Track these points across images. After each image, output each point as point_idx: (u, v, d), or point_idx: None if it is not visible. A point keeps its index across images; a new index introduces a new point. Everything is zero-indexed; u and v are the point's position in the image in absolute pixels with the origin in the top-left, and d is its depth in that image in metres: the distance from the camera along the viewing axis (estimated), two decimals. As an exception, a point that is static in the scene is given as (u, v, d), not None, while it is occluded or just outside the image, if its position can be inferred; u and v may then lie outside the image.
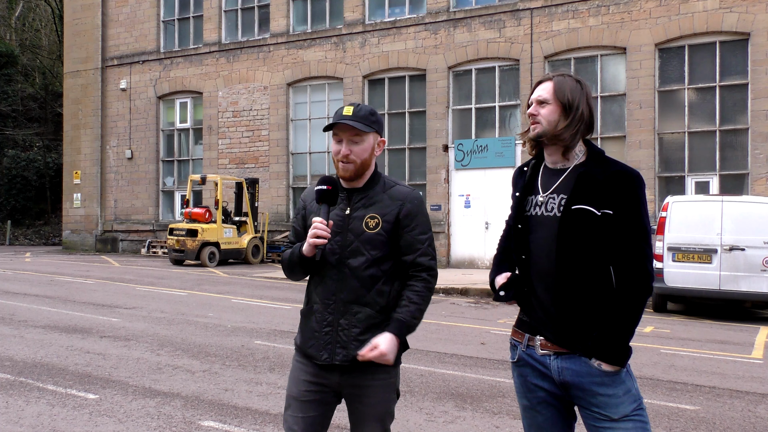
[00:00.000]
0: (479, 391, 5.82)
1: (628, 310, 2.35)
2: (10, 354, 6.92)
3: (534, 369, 2.48)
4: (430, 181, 18.77)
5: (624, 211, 2.35)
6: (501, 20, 18.01)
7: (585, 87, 2.48)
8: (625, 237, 2.35)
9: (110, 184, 24.40)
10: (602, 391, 2.35)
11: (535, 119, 2.47)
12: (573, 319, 2.39)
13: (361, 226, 2.58)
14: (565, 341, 2.39)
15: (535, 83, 2.54)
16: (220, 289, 13.12)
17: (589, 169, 2.42)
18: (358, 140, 2.58)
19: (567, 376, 2.40)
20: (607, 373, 2.35)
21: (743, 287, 10.37)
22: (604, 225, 2.35)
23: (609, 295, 2.39)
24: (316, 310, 2.62)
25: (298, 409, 2.61)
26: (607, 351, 2.34)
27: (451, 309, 11.04)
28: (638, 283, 2.35)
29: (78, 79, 24.93)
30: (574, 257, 2.38)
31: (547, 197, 2.46)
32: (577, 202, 2.38)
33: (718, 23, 15.69)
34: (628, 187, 2.36)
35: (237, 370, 6.41)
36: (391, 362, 2.52)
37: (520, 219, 2.52)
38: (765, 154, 15.22)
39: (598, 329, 2.36)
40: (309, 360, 2.63)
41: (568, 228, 2.38)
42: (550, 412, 2.49)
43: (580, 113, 2.43)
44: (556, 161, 2.51)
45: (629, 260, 2.36)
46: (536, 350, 2.46)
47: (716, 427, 4.99)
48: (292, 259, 2.63)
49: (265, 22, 21.69)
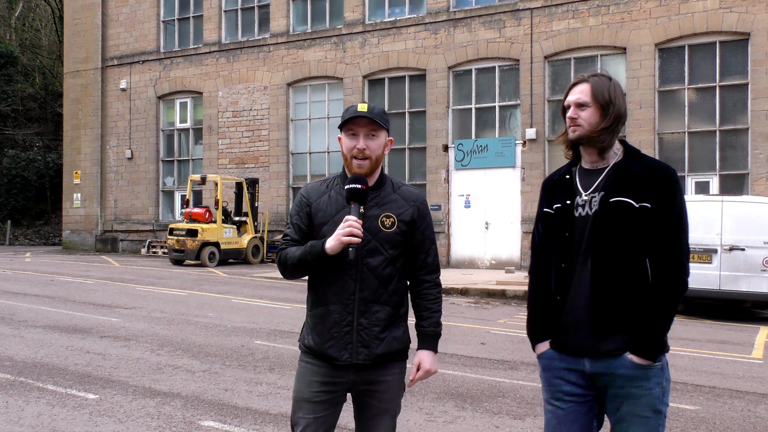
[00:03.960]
0: (479, 391, 5.82)
1: (663, 304, 2.36)
2: (10, 354, 6.92)
3: (562, 363, 2.50)
4: (430, 181, 18.77)
5: (662, 205, 2.37)
6: (501, 20, 18.01)
7: (617, 84, 2.50)
8: (663, 231, 2.37)
9: (110, 184, 24.40)
10: (631, 384, 2.38)
11: (575, 122, 2.47)
12: (608, 315, 2.39)
13: (377, 224, 2.58)
14: (602, 337, 2.40)
15: (570, 85, 2.54)
16: (220, 289, 13.12)
17: (627, 164, 2.45)
18: (374, 136, 2.59)
19: (599, 368, 2.42)
20: (639, 366, 2.36)
21: (743, 287, 10.37)
22: (642, 218, 2.37)
23: (644, 289, 2.39)
24: (333, 311, 2.57)
25: (311, 411, 2.60)
26: (642, 345, 2.36)
27: (451, 309, 11.03)
28: (675, 277, 2.37)
29: (78, 79, 24.93)
30: (609, 250, 2.39)
31: (589, 197, 2.47)
32: (615, 194, 2.40)
33: (718, 23, 15.69)
34: (667, 182, 2.39)
35: (237, 370, 6.41)
36: (436, 372, 2.68)
37: (568, 226, 2.50)
38: (765, 154, 15.22)
39: (635, 323, 2.38)
40: (323, 361, 2.60)
41: (605, 221, 2.40)
42: (576, 409, 2.48)
43: (618, 113, 2.45)
44: (594, 161, 2.52)
45: (666, 254, 2.37)
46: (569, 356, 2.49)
47: (716, 427, 4.99)
48: (305, 258, 2.55)
49: (265, 22, 21.69)
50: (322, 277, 2.60)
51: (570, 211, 2.50)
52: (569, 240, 2.48)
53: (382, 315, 2.57)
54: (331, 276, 2.58)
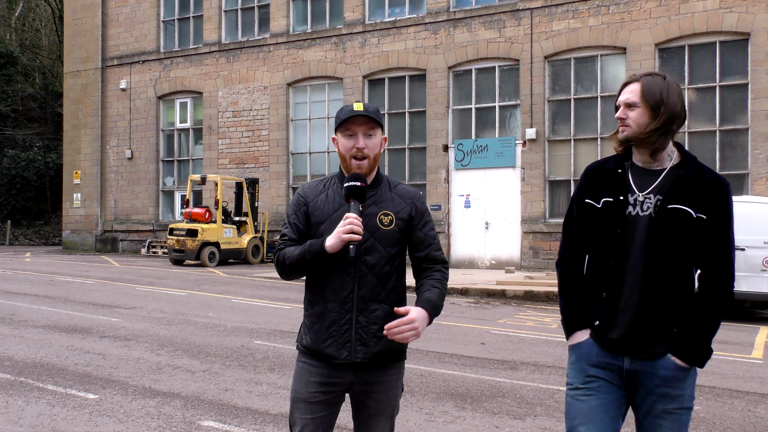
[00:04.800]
0: (479, 391, 5.82)
1: (713, 311, 2.42)
2: (10, 354, 6.92)
3: (599, 356, 2.51)
4: (430, 181, 18.76)
5: (718, 218, 2.41)
6: (501, 20, 18.01)
7: (673, 83, 2.45)
8: (716, 242, 2.42)
9: (110, 184, 24.40)
10: (670, 385, 2.41)
11: (624, 122, 2.46)
12: (657, 319, 2.43)
13: (376, 222, 2.57)
14: (647, 339, 2.43)
15: (622, 84, 2.52)
16: (220, 289, 13.12)
17: (687, 171, 2.44)
18: (372, 134, 2.61)
19: (639, 367, 2.44)
20: (680, 369, 2.41)
21: (743, 287, 10.36)
22: (697, 228, 2.40)
23: (689, 297, 2.44)
24: (332, 309, 2.56)
25: (308, 411, 2.60)
26: (689, 350, 2.41)
27: (451, 309, 11.03)
28: (724, 287, 2.43)
29: (78, 79, 24.93)
30: (663, 256, 2.41)
31: (644, 197, 2.45)
32: (674, 201, 2.40)
33: (718, 23, 15.69)
34: (724, 195, 2.43)
35: (237, 370, 6.41)
36: (418, 336, 2.47)
37: (620, 223, 2.46)
38: (765, 154, 15.22)
39: (679, 328, 2.43)
40: (320, 360, 2.59)
41: (662, 227, 2.41)
42: (607, 398, 2.48)
43: (670, 114, 2.41)
44: (646, 161, 2.50)
45: (717, 265, 2.43)
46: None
47: (716, 427, 4.99)
48: (304, 257, 2.53)
49: (265, 22, 21.69)
50: (320, 277, 2.59)
51: (623, 208, 2.46)
52: (620, 237, 2.45)
53: (380, 313, 2.57)
54: (329, 275, 2.57)
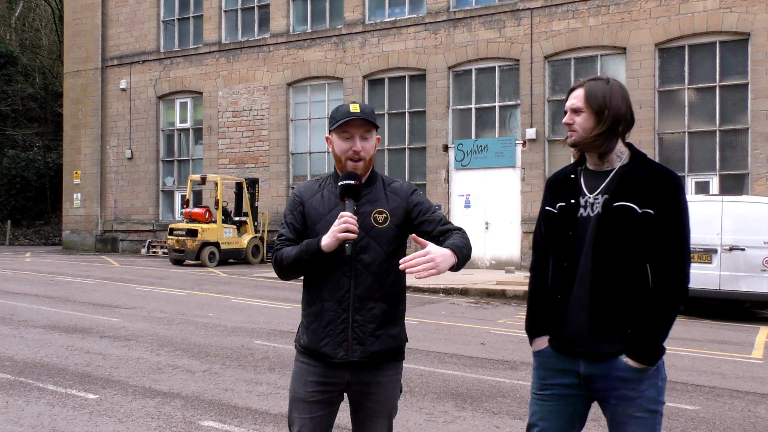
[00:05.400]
0: (479, 391, 5.82)
1: (662, 310, 2.38)
2: (10, 354, 6.92)
3: (558, 361, 2.52)
4: (430, 181, 18.77)
5: (665, 212, 2.39)
6: (501, 20, 18.01)
7: (617, 86, 2.48)
8: (665, 237, 2.39)
9: (110, 184, 24.40)
10: (626, 386, 2.39)
11: (571, 128, 2.50)
12: (608, 318, 2.41)
13: (370, 221, 2.57)
14: (599, 339, 2.41)
15: (569, 90, 2.56)
16: (220, 289, 13.12)
17: (633, 168, 2.46)
18: (368, 136, 2.60)
19: (594, 370, 2.43)
20: (634, 369, 2.38)
21: (743, 287, 10.37)
22: (644, 224, 2.39)
23: (644, 294, 2.41)
24: (328, 308, 2.57)
25: (306, 410, 2.60)
26: (640, 349, 2.38)
27: (451, 309, 11.03)
28: (675, 284, 2.39)
29: (78, 79, 24.93)
30: (610, 254, 2.40)
31: (594, 199, 2.48)
32: (619, 199, 2.41)
33: (718, 23, 15.69)
34: (670, 189, 2.40)
35: (237, 370, 6.41)
36: (437, 270, 2.31)
37: (571, 225, 2.50)
38: (765, 154, 15.22)
39: (633, 328, 2.38)
40: (317, 360, 2.60)
41: (607, 224, 2.41)
42: (561, 404, 2.51)
43: (614, 117, 2.44)
44: (597, 164, 2.53)
45: (667, 261, 2.39)
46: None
47: (716, 427, 4.99)
48: (301, 256, 2.54)
49: (265, 22, 21.69)
50: (317, 276, 2.60)
51: (574, 211, 2.50)
52: (572, 239, 2.48)
53: (377, 312, 2.56)
54: (325, 274, 2.57)
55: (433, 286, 13.27)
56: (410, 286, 13.26)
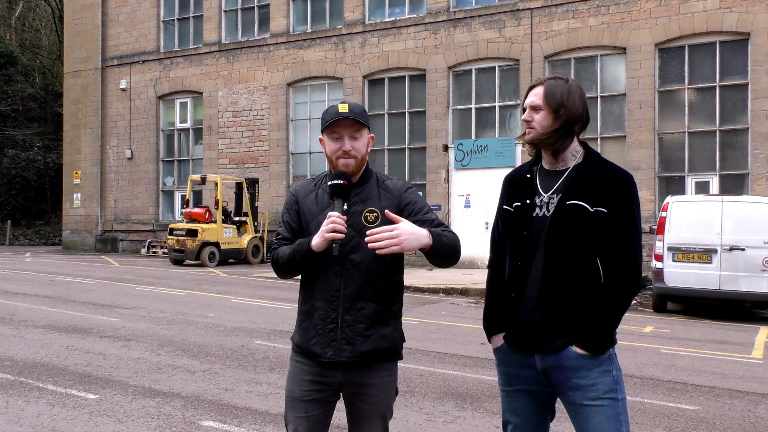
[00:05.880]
0: (479, 391, 5.82)
1: (613, 304, 2.43)
2: (10, 354, 6.92)
3: (516, 358, 2.57)
4: (430, 181, 18.77)
5: (617, 211, 2.43)
6: (501, 20, 18.01)
7: (575, 87, 2.51)
8: (617, 236, 2.43)
9: (110, 184, 24.40)
10: (578, 375, 2.43)
11: (529, 125, 2.53)
12: (558, 314, 2.45)
13: (361, 220, 2.58)
14: (551, 335, 2.46)
15: (528, 88, 2.59)
16: (220, 289, 13.12)
17: (587, 168, 2.49)
18: (358, 135, 2.60)
19: (548, 362, 2.48)
20: (584, 357, 2.42)
21: (743, 287, 10.37)
22: (596, 222, 2.43)
23: (595, 288, 2.46)
24: (319, 308, 2.58)
25: (301, 409, 2.61)
26: (588, 340, 2.42)
27: (451, 309, 11.03)
28: (626, 281, 2.43)
29: (78, 79, 24.93)
30: (562, 252, 2.44)
31: (548, 198, 2.51)
32: (572, 198, 2.45)
33: (718, 23, 15.69)
34: (623, 188, 2.44)
35: (237, 370, 6.41)
36: (400, 247, 2.35)
37: (526, 225, 2.54)
38: (765, 154, 15.22)
39: (583, 318, 2.44)
40: (310, 359, 2.61)
41: (559, 223, 2.45)
42: (528, 399, 2.57)
43: (570, 116, 2.47)
44: (552, 162, 2.57)
45: (619, 258, 2.43)
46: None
47: (716, 427, 4.99)
48: (294, 256, 2.56)
49: (265, 22, 21.69)
50: (311, 275, 2.62)
51: (529, 211, 2.54)
52: (526, 239, 2.52)
53: (367, 312, 2.56)
54: (317, 273, 2.59)
55: (434, 286, 13.27)
56: (410, 286, 13.26)
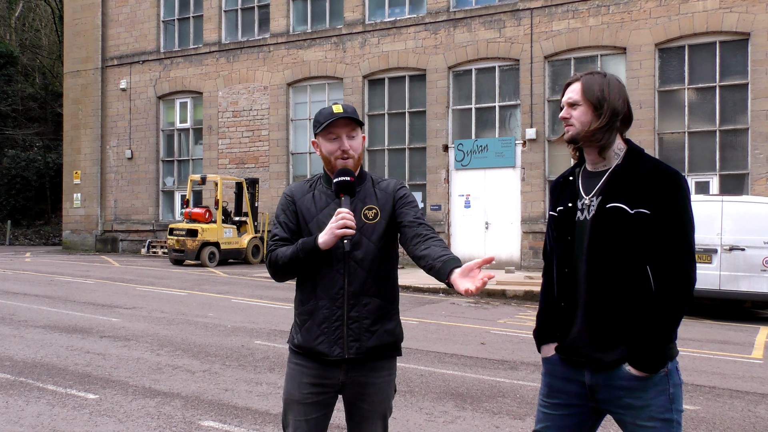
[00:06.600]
0: (479, 391, 5.82)
1: (664, 315, 2.26)
2: (10, 354, 6.92)
3: (564, 371, 2.46)
4: (430, 181, 18.77)
5: (662, 211, 2.27)
6: (501, 20, 18.01)
7: (614, 80, 2.42)
8: (664, 239, 2.26)
9: (110, 184, 24.40)
10: (631, 395, 2.30)
11: (567, 122, 2.43)
12: (606, 324, 2.32)
13: (361, 218, 2.59)
14: (599, 347, 2.33)
15: (564, 84, 2.49)
16: (220, 289, 13.12)
17: (626, 166, 2.38)
18: (354, 135, 2.63)
19: (599, 380, 2.36)
20: (636, 378, 2.29)
21: (743, 287, 10.37)
22: (638, 225, 2.28)
23: (646, 298, 2.30)
24: (322, 306, 2.57)
25: (301, 412, 2.60)
26: (640, 359, 2.27)
27: (451, 309, 11.03)
28: (677, 287, 2.26)
29: (78, 79, 24.93)
30: (605, 258, 2.32)
31: (590, 201, 2.41)
32: (611, 200, 2.33)
33: (718, 23, 15.69)
34: (666, 186, 2.28)
35: (237, 370, 6.41)
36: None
37: (569, 230, 2.43)
38: (765, 154, 15.22)
39: (634, 335, 2.28)
40: (312, 360, 2.59)
41: (600, 228, 2.33)
42: (567, 413, 2.45)
43: (612, 110, 2.37)
44: (595, 162, 2.46)
45: (667, 264, 2.27)
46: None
47: (716, 427, 4.99)
48: (297, 255, 2.53)
49: (265, 22, 21.69)
50: (311, 275, 2.60)
51: (572, 215, 2.44)
52: (570, 244, 2.42)
53: (372, 307, 2.57)
54: (318, 273, 2.58)
55: (434, 286, 13.27)
56: (410, 286, 13.26)
